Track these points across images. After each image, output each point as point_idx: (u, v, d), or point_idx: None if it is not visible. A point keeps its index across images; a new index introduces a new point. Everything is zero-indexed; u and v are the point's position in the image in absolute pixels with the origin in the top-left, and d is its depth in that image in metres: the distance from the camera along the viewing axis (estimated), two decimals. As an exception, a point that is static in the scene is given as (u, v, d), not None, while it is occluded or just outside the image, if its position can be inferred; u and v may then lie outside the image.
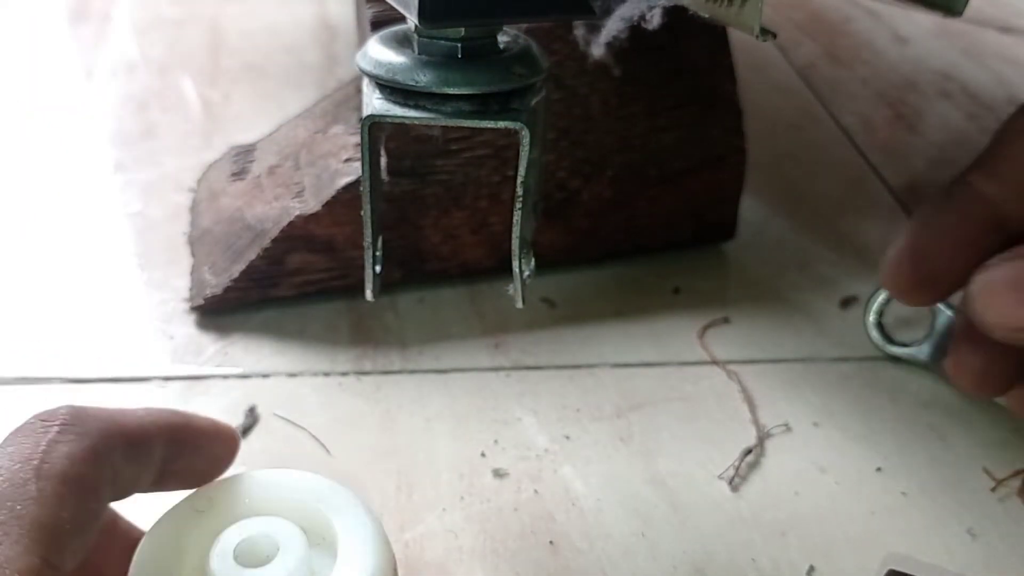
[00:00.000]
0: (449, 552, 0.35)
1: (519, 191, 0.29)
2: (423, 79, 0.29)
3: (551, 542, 0.35)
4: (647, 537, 0.36)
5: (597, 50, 0.34)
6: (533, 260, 0.32)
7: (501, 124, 0.28)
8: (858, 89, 0.67)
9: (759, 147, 0.48)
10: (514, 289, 0.31)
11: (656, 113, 0.45)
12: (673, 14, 0.30)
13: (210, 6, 0.74)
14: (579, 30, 0.34)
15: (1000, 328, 0.28)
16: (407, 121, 0.29)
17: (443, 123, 0.29)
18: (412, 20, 0.28)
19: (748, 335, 0.45)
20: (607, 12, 0.31)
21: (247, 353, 0.36)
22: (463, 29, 0.29)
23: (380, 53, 0.30)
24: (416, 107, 0.29)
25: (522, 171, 0.28)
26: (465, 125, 0.29)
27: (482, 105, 0.29)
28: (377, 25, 0.43)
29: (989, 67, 0.70)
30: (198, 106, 0.62)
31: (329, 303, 0.45)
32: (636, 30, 0.31)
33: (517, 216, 0.29)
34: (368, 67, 0.30)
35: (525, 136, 0.28)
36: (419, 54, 0.30)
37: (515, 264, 0.30)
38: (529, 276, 0.32)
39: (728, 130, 0.46)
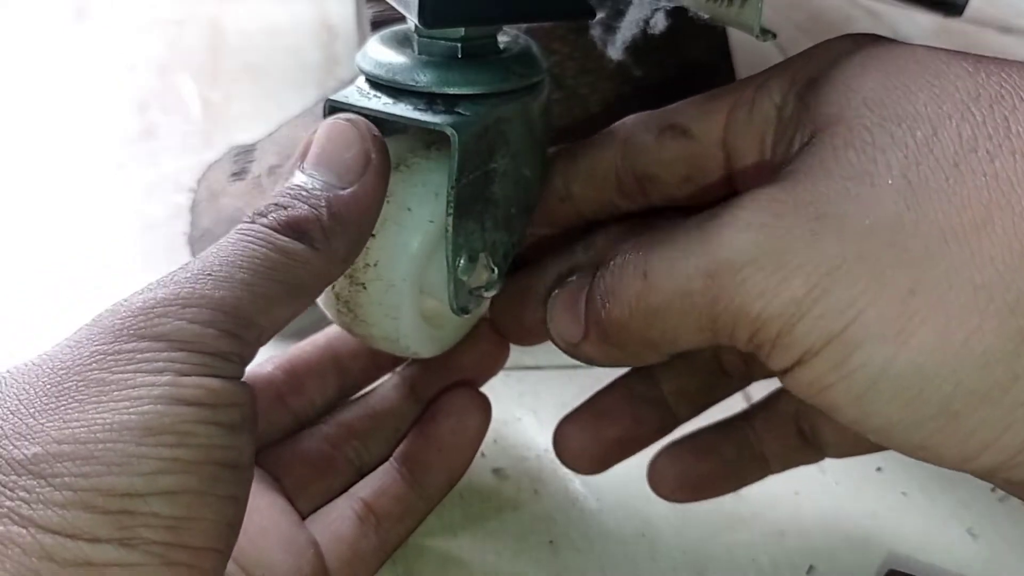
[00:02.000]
0: (449, 552, 0.35)
1: (450, 196, 0.28)
2: (423, 79, 0.29)
3: (551, 542, 0.35)
4: (647, 537, 0.36)
5: (615, 53, 0.34)
6: (496, 272, 0.31)
7: (432, 123, 0.28)
8: (858, 89, 0.67)
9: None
10: (448, 294, 0.30)
11: (656, 113, 0.45)
12: (674, 15, 0.30)
13: (210, 6, 0.74)
14: (595, 30, 0.34)
15: (562, 344, 0.30)
16: (361, 111, 0.29)
17: (391, 117, 0.29)
18: (412, 20, 0.28)
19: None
20: (620, 14, 0.31)
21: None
22: (463, 29, 0.29)
23: (380, 53, 0.30)
24: (374, 98, 0.29)
25: (452, 177, 0.28)
26: (405, 121, 0.29)
27: (429, 104, 0.29)
28: (377, 25, 0.43)
29: (989, 67, 0.70)
30: (198, 106, 0.62)
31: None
32: (638, 30, 0.31)
33: (449, 221, 0.29)
34: (368, 67, 0.30)
35: (453, 139, 0.28)
36: (419, 54, 0.30)
37: (448, 271, 0.30)
38: (487, 290, 0.31)
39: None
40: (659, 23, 0.30)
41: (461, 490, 0.37)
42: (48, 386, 0.23)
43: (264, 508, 0.31)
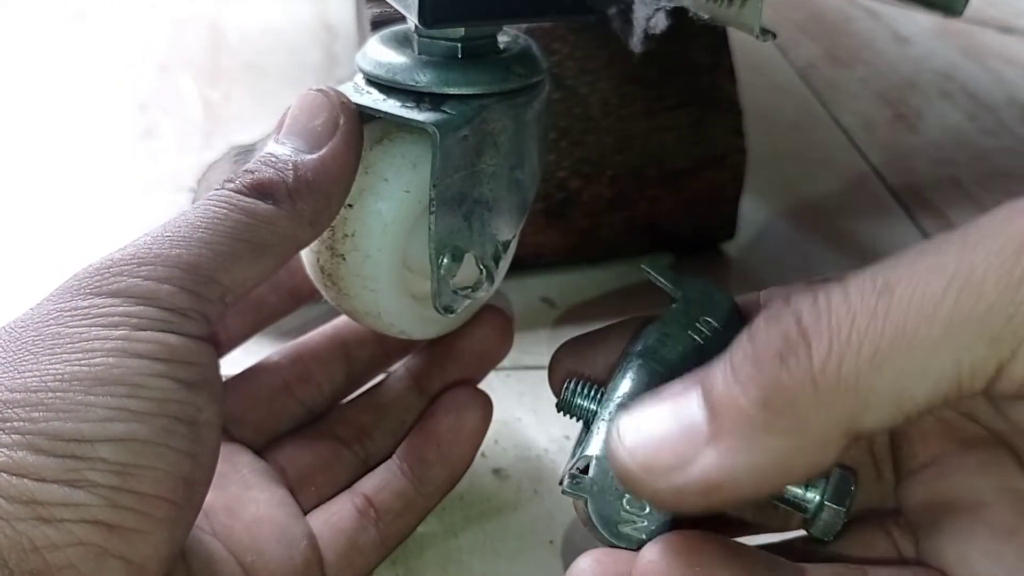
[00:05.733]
0: (449, 552, 0.35)
1: (432, 194, 0.29)
2: (423, 79, 0.29)
3: (551, 542, 0.35)
4: (647, 537, 0.36)
5: (636, 47, 0.34)
6: (485, 273, 0.31)
7: (415, 120, 0.28)
8: (858, 89, 0.67)
9: (759, 147, 0.48)
10: (431, 291, 0.30)
11: (656, 113, 0.45)
12: (674, 15, 0.30)
13: (210, 6, 0.74)
14: (615, 23, 0.34)
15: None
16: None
17: (378, 113, 0.29)
18: (412, 20, 0.28)
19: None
20: (628, 9, 0.31)
21: (247, 354, 0.36)
22: (463, 29, 0.29)
23: (380, 53, 0.30)
24: (367, 94, 0.30)
25: (434, 175, 0.28)
26: (390, 118, 0.29)
27: (417, 101, 0.29)
28: (377, 25, 0.43)
29: (989, 67, 0.70)
30: (198, 106, 0.62)
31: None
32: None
33: (431, 219, 0.29)
34: (368, 67, 0.30)
35: (434, 137, 0.28)
36: (419, 54, 0.30)
37: (431, 270, 0.30)
38: (475, 290, 0.31)
39: (728, 130, 0.46)
40: (659, 23, 0.30)
41: (462, 490, 0.37)
42: (7, 342, 0.24)
43: (263, 499, 0.31)
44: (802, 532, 0.29)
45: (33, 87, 0.64)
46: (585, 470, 0.27)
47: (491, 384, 0.36)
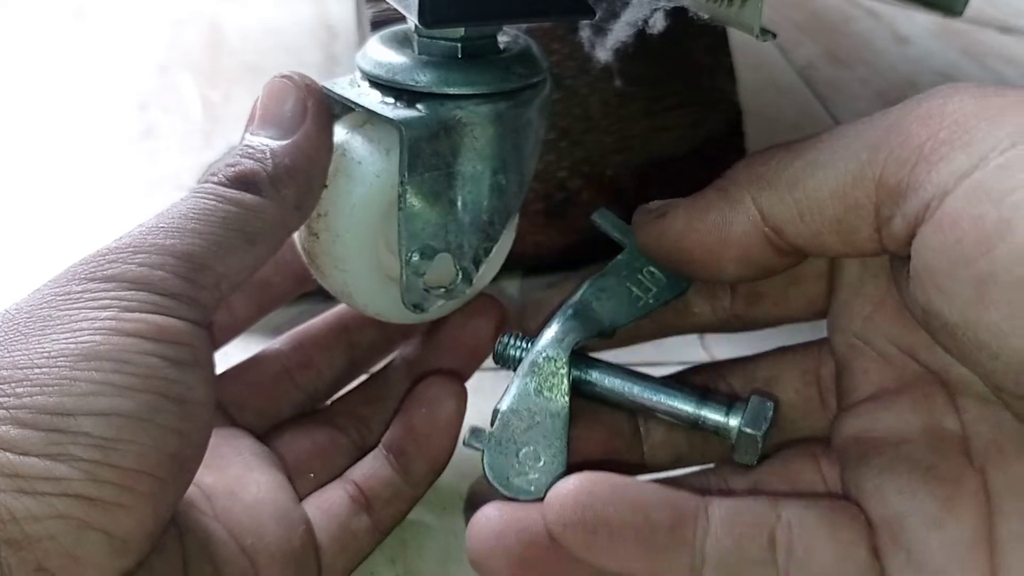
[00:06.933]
0: (449, 552, 0.35)
1: (400, 191, 0.29)
2: (423, 79, 0.29)
3: (551, 542, 0.35)
4: (647, 537, 0.36)
5: (604, 54, 0.34)
6: (461, 275, 0.32)
7: (385, 115, 0.29)
8: (858, 89, 0.67)
9: (759, 147, 0.48)
10: (399, 288, 0.31)
11: (656, 113, 0.45)
12: (674, 15, 0.30)
13: (210, 6, 0.74)
14: (584, 32, 0.34)
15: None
16: (340, 98, 0.30)
17: (357, 106, 0.30)
18: (412, 20, 0.28)
19: (748, 335, 0.45)
20: (613, 16, 0.31)
21: (246, 352, 0.36)
22: (463, 29, 0.29)
23: (380, 53, 0.30)
24: (355, 88, 0.31)
25: (403, 171, 0.29)
26: (367, 112, 0.30)
27: (396, 97, 0.30)
28: (377, 25, 0.43)
29: (989, 67, 0.70)
30: (198, 106, 0.62)
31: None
32: (637, 31, 0.31)
33: (400, 215, 0.29)
34: (368, 67, 0.30)
35: (401, 133, 0.28)
36: (419, 54, 0.30)
37: (400, 264, 0.30)
38: (449, 291, 0.32)
39: (728, 130, 0.46)
40: (658, 23, 0.30)
41: (462, 489, 0.37)
42: (1, 325, 0.25)
43: (263, 482, 0.31)
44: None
45: (33, 87, 0.64)
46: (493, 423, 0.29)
47: (490, 382, 0.36)
